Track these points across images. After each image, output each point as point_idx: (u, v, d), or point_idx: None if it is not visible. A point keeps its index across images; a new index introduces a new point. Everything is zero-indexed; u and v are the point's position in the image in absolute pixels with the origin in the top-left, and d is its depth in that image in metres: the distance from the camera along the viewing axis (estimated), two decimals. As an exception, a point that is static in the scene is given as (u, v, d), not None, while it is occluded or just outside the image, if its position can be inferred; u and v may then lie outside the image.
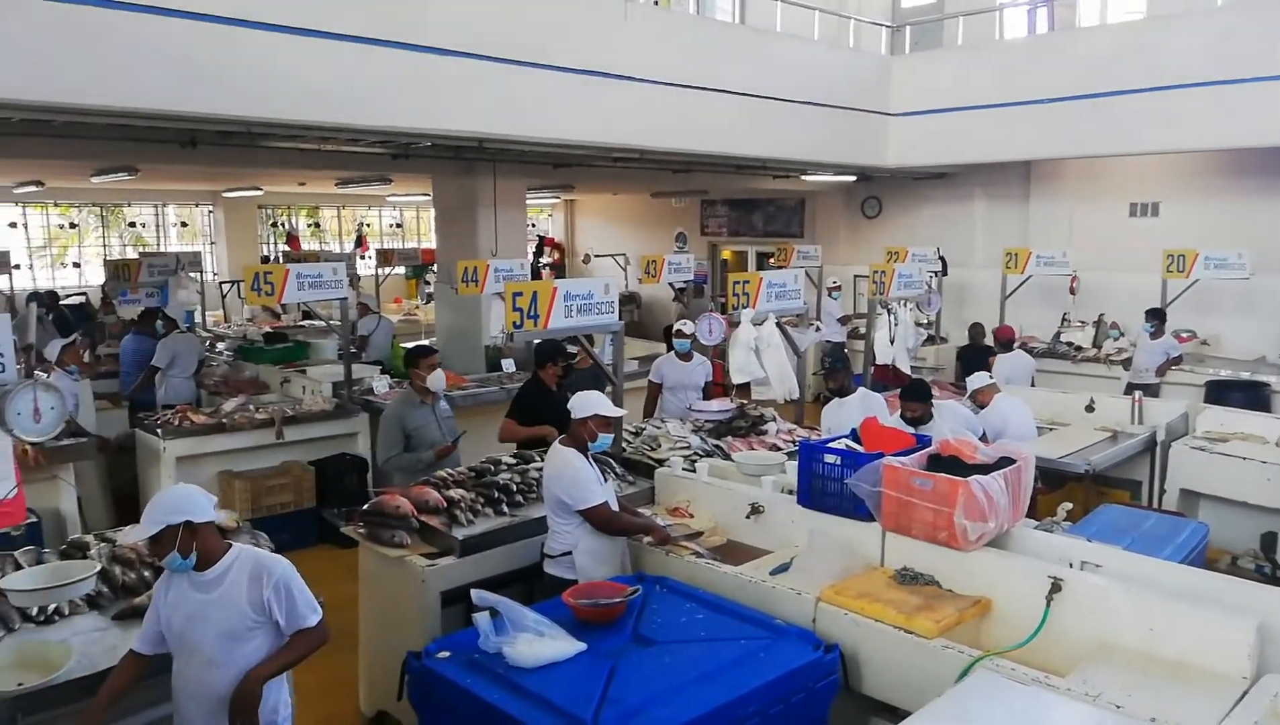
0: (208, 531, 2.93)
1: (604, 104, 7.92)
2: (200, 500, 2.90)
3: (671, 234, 17.02)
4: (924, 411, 5.44)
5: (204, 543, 2.90)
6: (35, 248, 15.77)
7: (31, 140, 6.91)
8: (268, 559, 2.98)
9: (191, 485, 2.98)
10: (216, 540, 2.96)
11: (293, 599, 2.93)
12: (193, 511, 2.86)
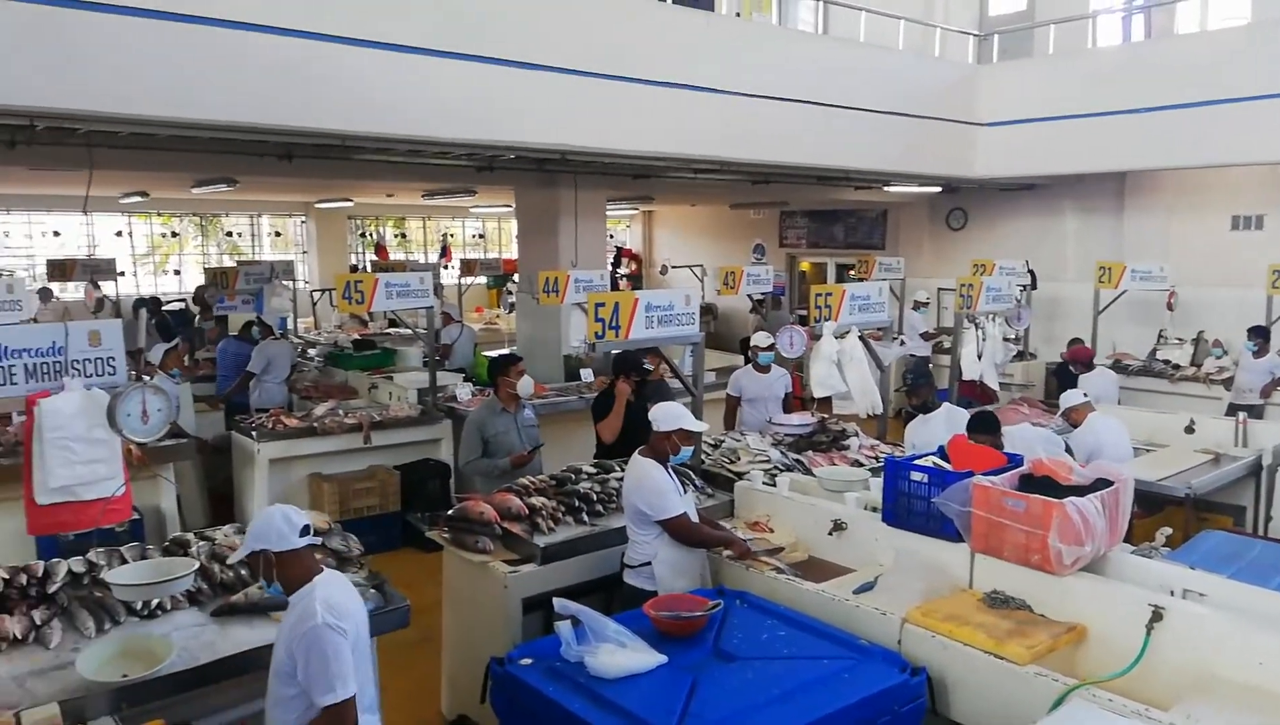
0: (291, 559, 2.85)
1: (685, 115, 7.94)
2: (282, 529, 2.83)
3: (749, 245, 16.95)
4: (993, 442, 5.24)
5: (283, 570, 2.86)
6: (139, 255, 16.56)
7: (138, 153, 7.25)
8: (312, 610, 2.74)
9: (286, 508, 2.90)
10: (302, 568, 2.86)
11: (309, 665, 2.69)
12: (270, 541, 2.83)
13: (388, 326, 13.11)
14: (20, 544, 5.23)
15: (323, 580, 2.87)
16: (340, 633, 2.73)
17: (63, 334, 3.26)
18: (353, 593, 3.00)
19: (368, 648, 2.98)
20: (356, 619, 2.87)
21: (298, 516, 2.88)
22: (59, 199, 14.41)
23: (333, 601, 2.79)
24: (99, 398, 3.25)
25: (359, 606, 2.97)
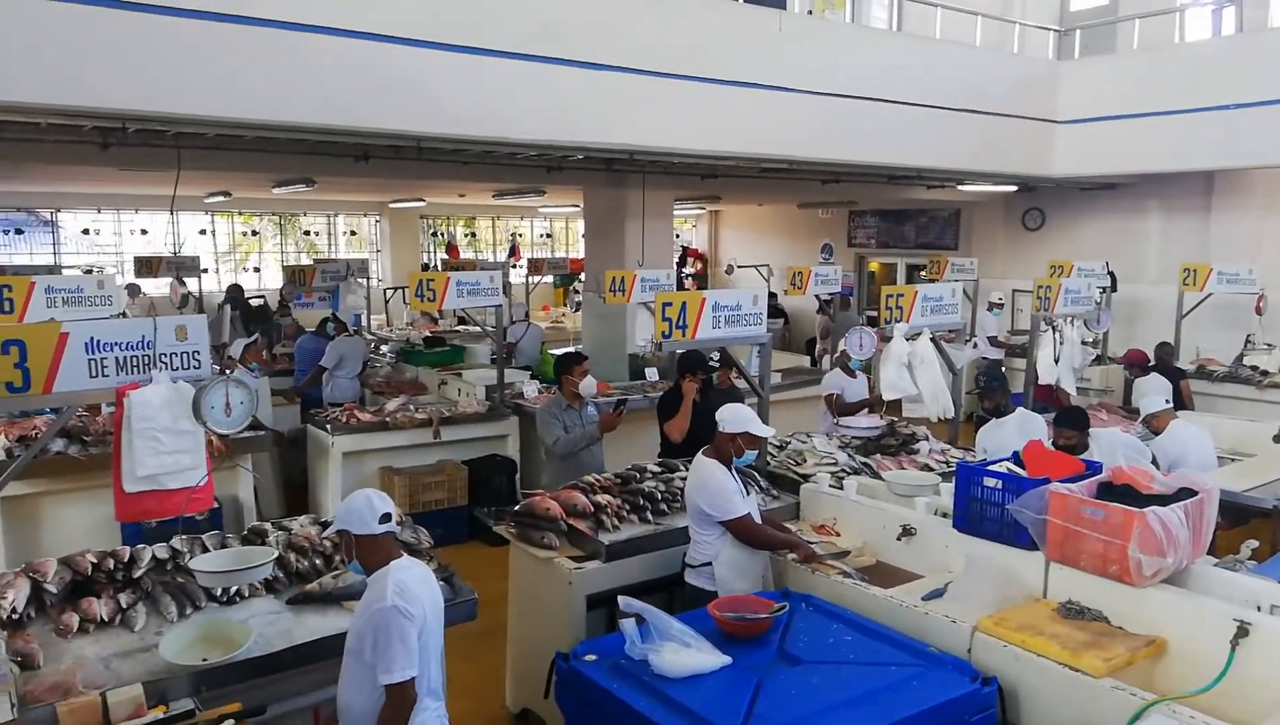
0: (369, 543, 2.97)
1: (755, 115, 7.89)
2: (363, 513, 2.95)
3: (817, 245, 16.77)
4: (1079, 440, 5.13)
5: (362, 552, 2.98)
6: (221, 253, 17.14)
7: (222, 154, 7.51)
8: (384, 593, 2.85)
9: (373, 494, 3.01)
10: (380, 552, 2.98)
11: (376, 644, 2.81)
12: (353, 523, 2.96)
13: (457, 324, 13.33)
14: (107, 530, 5.48)
15: (398, 565, 2.98)
16: (408, 617, 2.81)
17: (152, 329, 3.39)
18: (428, 581, 3.07)
19: (437, 636, 3.04)
20: (427, 606, 2.94)
21: (381, 504, 2.99)
22: (147, 198, 15.01)
23: (405, 586, 2.88)
24: (185, 390, 3.37)
25: (432, 594, 3.03)
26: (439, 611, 3.07)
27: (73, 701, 2.87)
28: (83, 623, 3.38)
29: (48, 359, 3.22)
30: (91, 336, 3.31)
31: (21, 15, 4.62)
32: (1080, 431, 5.16)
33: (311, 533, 4.07)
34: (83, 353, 3.29)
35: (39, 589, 3.49)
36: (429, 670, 2.96)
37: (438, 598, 3.09)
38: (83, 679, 3.05)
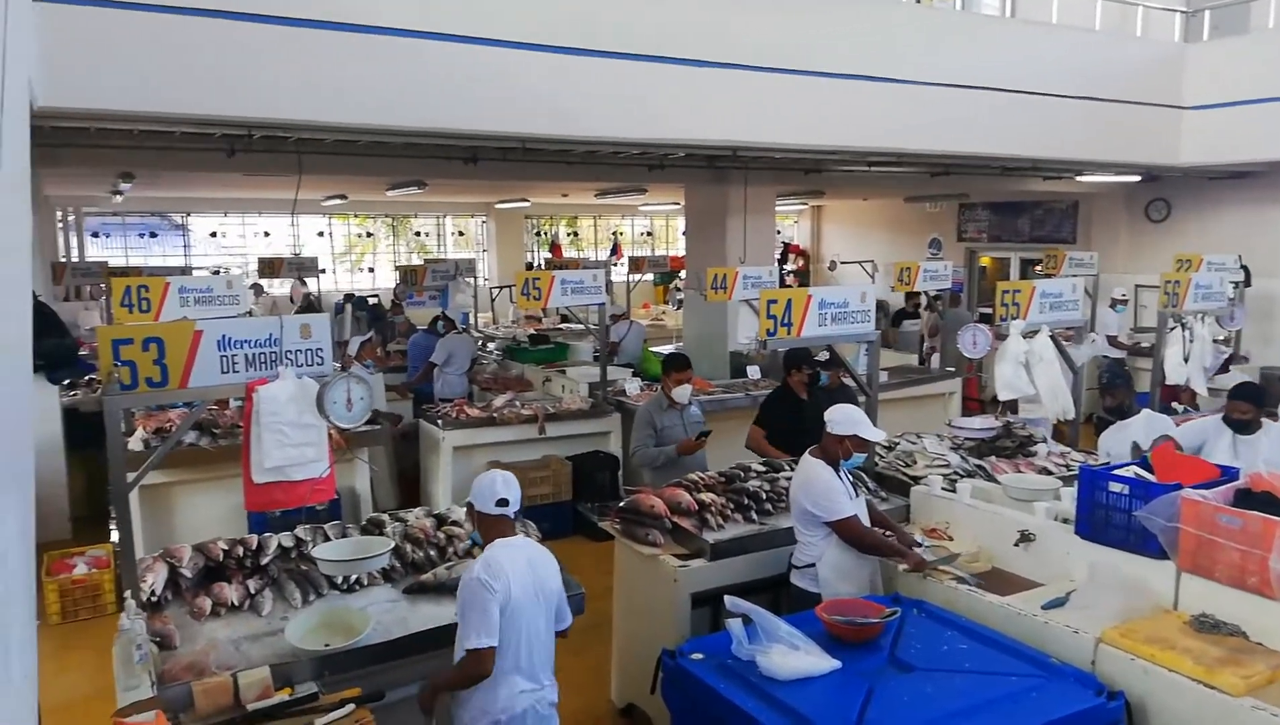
0: (485, 520, 3.21)
1: (862, 107, 7.73)
2: (486, 493, 3.19)
3: (924, 240, 16.33)
4: (1254, 416, 4.87)
5: (480, 527, 3.24)
6: (338, 254, 17.85)
7: (340, 158, 7.81)
8: (471, 568, 3.11)
9: (498, 478, 3.23)
10: (492, 530, 3.20)
11: (459, 611, 3.07)
12: (477, 499, 3.22)
13: (559, 322, 13.53)
14: (234, 517, 5.77)
15: (499, 543, 3.16)
16: (489, 589, 2.99)
17: (278, 327, 3.55)
18: (531, 563, 3.18)
19: (532, 616, 3.13)
20: (516, 584, 3.06)
21: (503, 489, 3.18)
22: (269, 202, 15.76)
23: (494, 562, 3.07)
24: (309, 386, 3.51)
25: (528, 575, 3.13)
26: (538, 594, 3.16)
27: (206, 681, 3.03)
28: (214, 607, 3.56)
29: (183, 356, 3.40)
30: (223, 334, 3.48)
31: (158, 31, 4.90)
32: (1257, 407, 4.91)
33: (426, 524, 4.19)
34: (215, 350, 3.47)
35: (175, 573, 3.69)
36: (518, 649, 3.08)
37: (541, 581, 3.19)
38: (215, 660, 3.22)
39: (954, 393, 9.61)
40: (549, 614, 3.23)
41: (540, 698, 3.19)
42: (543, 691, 3.20)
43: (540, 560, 3.27)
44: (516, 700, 3.09)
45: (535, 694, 3.15)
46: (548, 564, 3.30)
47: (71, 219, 15.48)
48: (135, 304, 5.83)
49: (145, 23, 4.81)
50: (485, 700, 3.07)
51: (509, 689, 3.07)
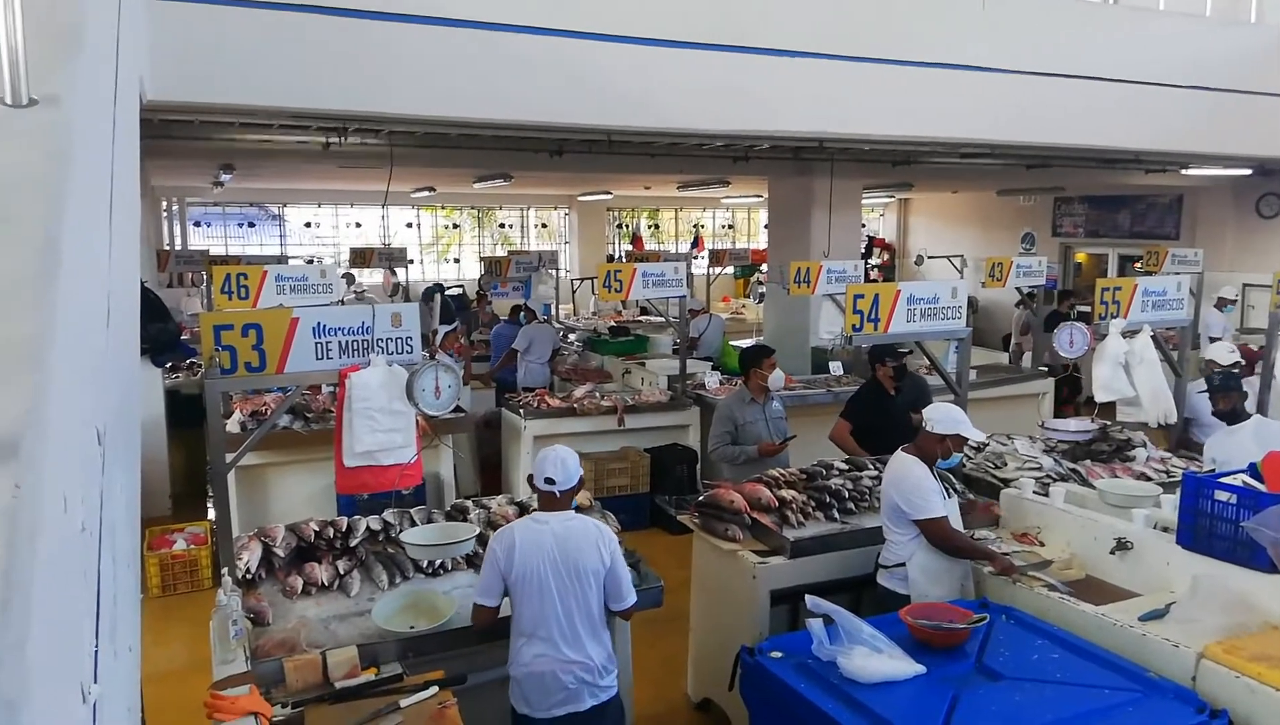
0: (540, 494, 3.37)
1: (955, 97, 7.52)
2: (538, 467, 3.35)
3: (1015, 235, 15.83)
4: None
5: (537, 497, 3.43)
6: (425, 244, 18.24)
7: (430, 151, 7.96)
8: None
9: (554, 457, 3.35)
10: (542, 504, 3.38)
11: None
12: (534, 470, 3.39)
13: (639, 314, 13.56)
14: (323, 499, 5.95)
15: (531, 516, 3.38)
16: (493, 555, 3.26)
17: (370, 315, 3.64)
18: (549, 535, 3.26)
19: (545, 584, 3.21)
20: (524, 555, 3.21)
21: (551, 469, 3.30)
22: (361, 194, 16.19)
23: (507, 532, 3.32)
24: (399, 373, 3.59)
25: (543, 546, 3.23)
26: (562, 568, 3.23)
27: (297, 658, 3.13)
28: (305, 586, 3.68)
29: (281, 342, 3.51)
30: (318, 322, 3.59)
31: (261, 26, 5.07)
32: None
33: (509, 512, 4.25)
34: (310, 337, 3.57)
35: (269, 552, 3.82)
36: (534, 617, 3.22)
37: (567, 556, 3.24)
38: (306, 638, 3.32)
39: (1047, 393, 9.30)
40: (580, 589, 3.25)
41: (569, 667, 3.23)
42: (573, 662, 3.24)
43: (573, 536, 3.29)
44: (535, 663, 3.23)
45: (561, 661, 3.23)
46: (581, 540, 3.30)
47: (175, 208, 16.17)
48: (235, 291, 6.05)
49: (249, 18, 4.98)
50: (512, 655, 3.28)
51: (528, 651, 3.24)
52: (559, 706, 3.23)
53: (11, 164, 1.39)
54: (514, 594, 3.25)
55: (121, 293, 2.25)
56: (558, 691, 3.23)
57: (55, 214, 1.37)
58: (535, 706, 3.24)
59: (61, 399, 1.24)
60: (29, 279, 1.23)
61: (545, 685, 3.22)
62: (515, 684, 3.28)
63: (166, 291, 10.78)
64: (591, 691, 3.27)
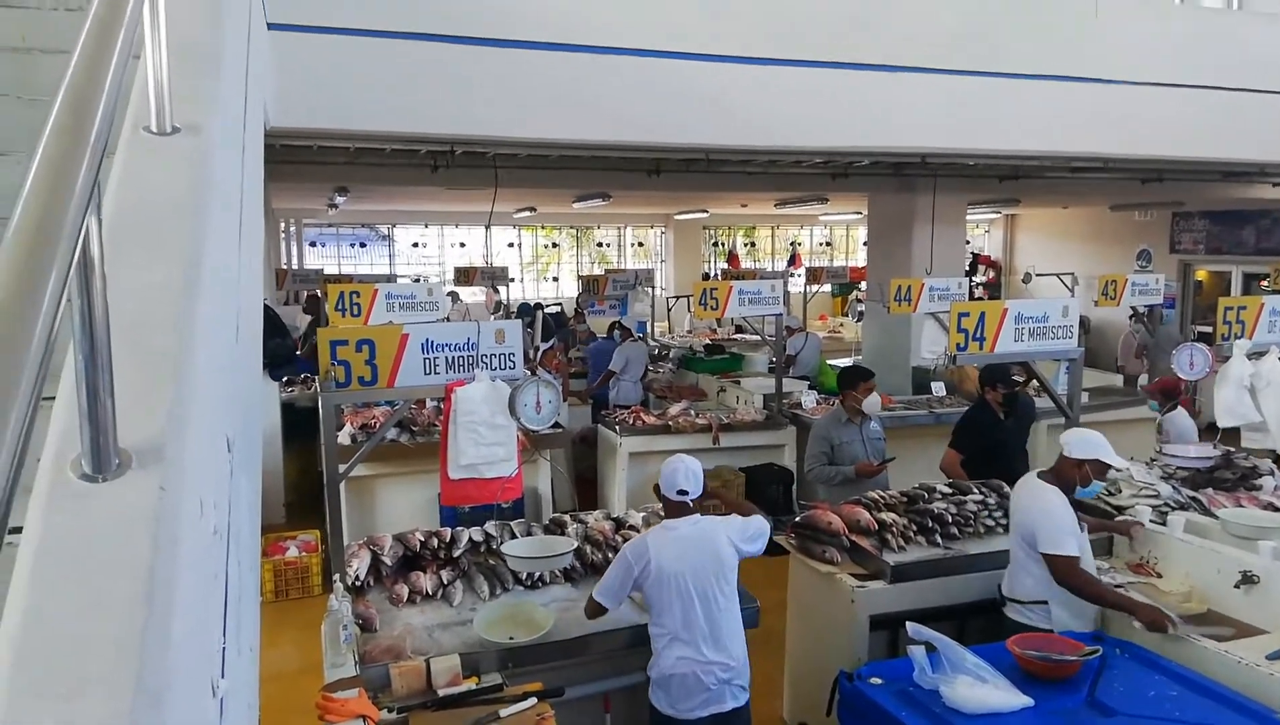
0: (669, 504, 3.55)
1: (1065, 110, 7.27)
2: (667, 479, 3.52)
3: (1130, 251, 15.14)
4: None
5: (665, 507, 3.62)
6: (525, 263, 18.64)
7: (532, 172, 8.15)
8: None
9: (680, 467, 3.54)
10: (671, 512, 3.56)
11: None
12: (661, 482, 3.54)
13: (734, 332, 13.52)
14: (426, 510, 6.12)
15: (664, 523, 3.51)
16: (625, 561, 3.36)
17: (475, 332, 3.76)
18: (683, 540, 3.40)
19: (680, 588, 3.34)
20: (660, 561, 3.33)
21: (683, 480, 3.47)
22: (465, 214, 16.68)
23: (640, 541, 3.43)
24: (501, 389, 3.70)
25: (676, 551, 3.37)
26: (697, 570, 3.35)
27: (402, 664, 3.23)
28: (411, 594, 3.79)
29: (392, 357, 3.66)
30: (427, 338, 3.72)
31: (375, 55, 5.29)
32: None
33: (605, 527, 4.30)
34: (419, 352, 3.71)
35: (377, 560, 3.96)
36: (674, 619, 3.33)
37: (701, 558, 3.37)
38: (411, 645, 3.42)
39: (1164, 417, 8.85)
40: (714, 581, 3.38)
41: (709, 668, 3.32)
42: (713, 664, 3.33)
43: (703, 535, 3.45)
44: (678, 665, 3.33)
45: (701, 663, 3.32)
46: (713, 536, 3.45)
47: (293, 229, 16.98)
48: (348, 308, 6.31)
49: (364, 46, 5.21)
50: (654, 659, 3.38)
51: (670, 654, 3.34)
52: (702, 708, 3.34)
53: (158, 188, 1.50)
54: (652, 600, 3.36)
55: (249, 309, 2.39)
56: (700, 693, 3.33)
57: (196, 236, 1.48)
58: (679, 708, 3.34)
59: (199, 408, 1.33)
60: (174, 295, 1.32)
61: (688, 687, 3.32)
62: (657, 687, 3.38)
63: (283, 308, 11.31)
64: (732, 692, 3.39)
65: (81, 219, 0.93)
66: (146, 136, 1.61)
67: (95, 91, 1.08)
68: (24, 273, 0.83)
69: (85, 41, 1.18)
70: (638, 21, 5.89)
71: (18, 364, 0.75)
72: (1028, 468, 5.85)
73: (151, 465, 1.12)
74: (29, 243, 0.87)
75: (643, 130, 6.03)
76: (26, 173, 0.96)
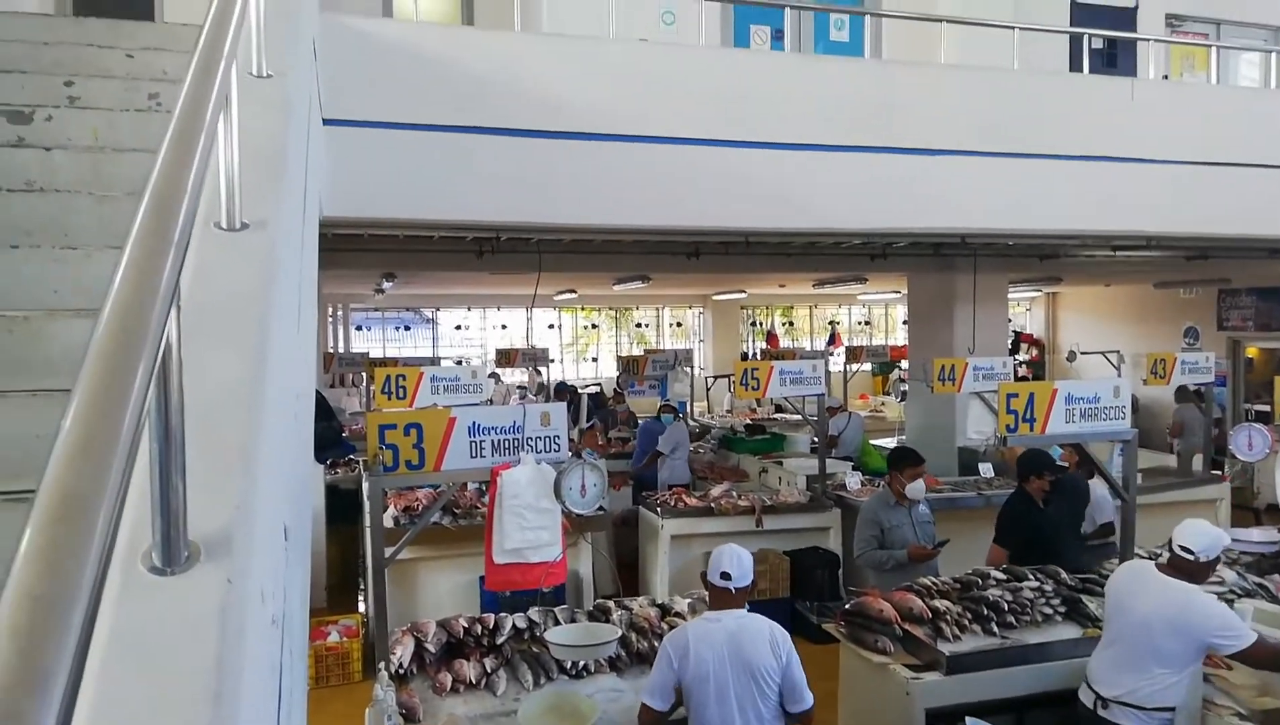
0: (713, 591, 3.47)
1: (1105, 190, 7.28)
2: (713, 563, 3.43)
3: (1177, 329, 14.92)
4: None
5: (710, 595, 3.53)
6: (565, 344, 18.84)
7: (575, 256, 8.30)
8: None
9: (727, 554, 3.45)
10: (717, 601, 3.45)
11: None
12: (708, 568, 3.48)
13: (774, 412, 13.44)
14: (465, 594, 6.07)
15: (705, 615, 3.41)
16: (666, 656, 3.26)
17: (522, 415, 3.78)
18: (724, 634, 3.28)
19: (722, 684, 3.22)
20: (700, 654, 3.22)
21: (728, 564, 3.37)
22: (507, 297, 16.98)
23: (680, 633, 3.33)
24: (547, 472, 3.69)
25: (717, 645, 3.25)
26: (738, 666, 3.22)
27: (447, 755, 3.16)
28: (454, 683, 3.73)
29: (439, 440, 3.68)
30: (473, 421, 3.74)
31: (419, 145, 5.48)
32: None
33: (651, 614, 4.22)
34: (466, 436, 3.73)
35: (420, 648, 3.91)
36: (704, 715, 3.21)
37: (743, 654, 3.24)
38: (454, 735, 3.35)
39: (1223, 499, 8.59)
40: (755, 688, 3.24)
41: None
42: None
43: (748, 635, 3.31)
44: None
45: None
46: (756, 638, 3.31)
47: (340, 313, 17.36)
48: (394, 391, 6.39)
49: (415, 140, 5.40)
50: None
51: None
52: None
53: (229, 283, 1.54)
54: (690, 697, 3.25)
55: (304, 395, 2.43)
56: None
57: (263, 328, 1.51)
58: None
59: (262, 498, 1.35)
60: (243, 385, 1.35)
61: None
62: None
63: (329, 391, 11.48)
64: None
65: (165, 318, 0.96)
66: (217, 232, 1.67)
67: (178, 195, 1.13)
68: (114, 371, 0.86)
69: (168, 147, 1.23)
70: (679, 112, 6.05)
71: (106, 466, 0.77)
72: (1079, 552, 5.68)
73: (220, 557, 1.12)
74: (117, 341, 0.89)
75: (685, 215, 6.15)
76: (114, 272, 1.00)
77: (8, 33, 3.73)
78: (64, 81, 3.33)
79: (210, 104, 1.34)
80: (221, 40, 1.55)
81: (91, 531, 0.73)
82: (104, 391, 0.84)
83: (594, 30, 6.16)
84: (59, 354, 2.13)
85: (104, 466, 0.77)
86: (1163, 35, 9.95)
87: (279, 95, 2.21)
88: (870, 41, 7.76)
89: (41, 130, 3.09)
